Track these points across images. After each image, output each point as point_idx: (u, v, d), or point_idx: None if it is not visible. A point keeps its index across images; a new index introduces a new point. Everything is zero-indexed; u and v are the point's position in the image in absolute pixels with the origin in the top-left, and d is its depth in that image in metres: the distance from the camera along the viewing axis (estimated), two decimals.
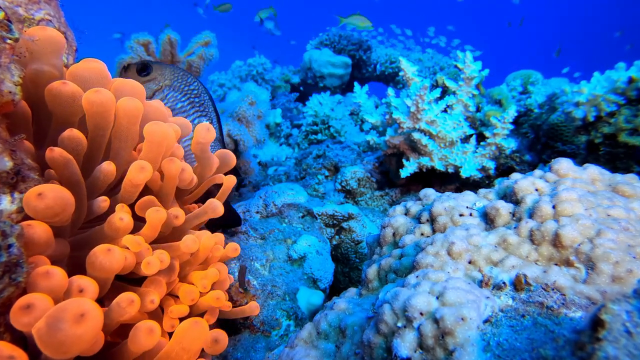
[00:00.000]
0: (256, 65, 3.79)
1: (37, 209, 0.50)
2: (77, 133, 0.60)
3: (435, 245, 0.64)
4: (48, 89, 0.59)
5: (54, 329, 0.42)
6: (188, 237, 0.66)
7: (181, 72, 1.02)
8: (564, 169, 0.71)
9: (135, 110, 0.64)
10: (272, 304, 1.07)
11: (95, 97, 0.60)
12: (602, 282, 0.52)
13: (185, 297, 0.68)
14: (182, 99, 1.00)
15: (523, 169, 1.63)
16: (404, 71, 1.52)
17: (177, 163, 0.68)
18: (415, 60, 4.10)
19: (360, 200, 1.70)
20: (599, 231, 0.55)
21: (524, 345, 0.46)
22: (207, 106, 1.04)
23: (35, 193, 0.50)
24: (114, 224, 0.59)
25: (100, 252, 0.54)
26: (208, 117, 1.04)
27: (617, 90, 1.38)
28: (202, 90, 1.04)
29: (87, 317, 0.43)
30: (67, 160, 0.57)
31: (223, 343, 0.63)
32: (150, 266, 0.60)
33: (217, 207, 0.73)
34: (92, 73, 0.66)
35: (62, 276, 0.49)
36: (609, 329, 0.34)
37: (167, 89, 0.98)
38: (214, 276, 0.73)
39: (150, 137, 0.65)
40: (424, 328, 0.49)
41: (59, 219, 0.53)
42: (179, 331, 0.57)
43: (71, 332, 0.42)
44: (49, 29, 0.62)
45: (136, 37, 1.56)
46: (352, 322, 0.67)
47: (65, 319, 0.42)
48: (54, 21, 0.76)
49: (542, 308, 0.51)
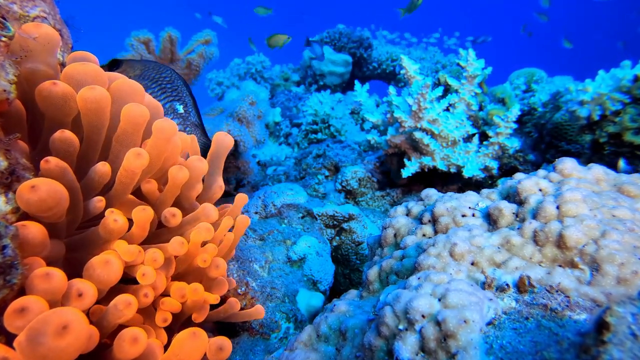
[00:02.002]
0: (255, 63, 3.79)
1: (30, 202, 0.49)
2: (69, 134, 0.59)
3: (437, 246, 0.64)
4: (38, 90, 0.59)
5: (35, 343, 0.40)
6: (175, 239, 0.66)
7: (153, 63, 1.05)
8: (568, 169, 0.71)
9: (141, 118, 0.64)
10: (271, 306, 1.07)
11: (89, 94, 0.60)
12: (607, 283, 0.52)
13: (176, 294, 0.68)
14: (152, 85, 1.02)
15: (526, 168, 1.63)
16: (406, 69, 1.52)
17: (184, 171, 0.69)
18: (417, 58, 4.10)
19: (361, 201, 1.70)
20: (603, 232, 0.55)
21: (528, 348, 0.46)
22: (180, 90, 1.05)
23: (28, 186, 0.50)
24: (108, 225, 0.59)
25: (98, 264, 0.54)
26: (182, 101, 1.05)
27: (622, 88, 1.38)
28: (175, 77, 1.05)
29: (69, 329, 0.41)
30: (63, 169, 0.57)
31: (227, 351, 0.63)
32: (146, 277, 0.61)
33: (210, 213, 0.72)
34: (87, 75, 0.65)
35: (61, 278, 0.49)
36: (614, 331, 0.34)
37: (136, 78, 1.00)
38: (213, 250, 0.73)
39: (160, 134, 0.65)
40: (426, 331, 0.49)
41: (53, 213, 0.52)
42: (176, 342, 0.57)
43: (53, 345, 0.40)
44: (44, 26, 0.62)
45: (136, 35, 1.57)
46: (353, 324, 0.67)
47: (47, 332, 0.41)
48: (49, 18, 0.76)
49: (546, 310, 0.50)
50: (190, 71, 1.70)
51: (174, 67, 1.68)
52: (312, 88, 3.75)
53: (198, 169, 0.74)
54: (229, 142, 0.80)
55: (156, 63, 1.04)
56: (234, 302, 0.80)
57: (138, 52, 1.56)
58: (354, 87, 1.77)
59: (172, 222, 0.68)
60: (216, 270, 0.74)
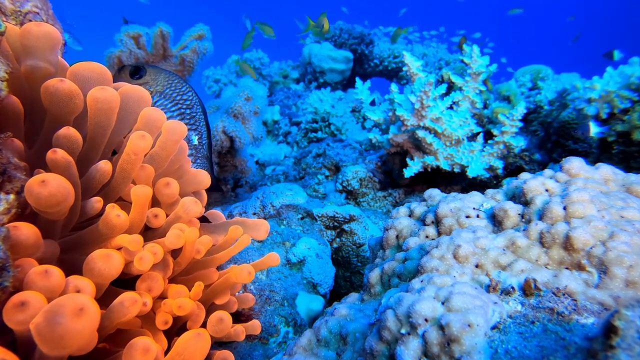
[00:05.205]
0: (253, 60, 3.79)
1: (40, 196, 0.50)
2: (73, 132, 0.60)
3: (440, 248, 0.64)
4: (44, 86, 0.60)
5: (53, 323, 0.42)
6: (172, 232, 0.66)
7: (176, 79, 1.01)
8: (575, 169, 0.71)
9: (159, 122, 0.68)
10: (270, 309, 1.07)
11: (101, 94, 0.61)
12: (615, 286, 0.52)
13: (175, 296, 0.69)
14: (172, 108, 0.99)
15: (532, 168, 1.63)
16: (408, 66, 1.52)
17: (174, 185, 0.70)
18: (419, 54, 4.10)
19: (362, 201, 1.70)
20: (612, 233, 0.55)
21: (534, 353, 0.46)
22: (198, 119, 1.02)
23: (38, 180, 0.51)
24: (111, 221, 0.59)
25: (99, 257, 0.54)
26: (197, 132, 1.02)
27: (631, 86, 1.38)
28: (195, 101, 1.02)
29: (85, 311, 0.44)
30: (68, 162, 0.58)
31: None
32: (143, 261, 0.61)
33: (190, 208, 0.71)
34: (93, 73, 0.67)
35: (60, 276, 0.50)
36: (622, 336, 0.34)
37: (157, 95, 0.97)
38: (208, 242, 0.73)
39: (171, 135, 0.67)
40: (429, 335, 0.49)
41: (60, 209, 0.53)
42: (179, 343, 0.57)
43: (71, 326, 0.42)
44: (46, 25, 0.63)
45: (126, 30, 1.56)
46: (354, 328, 0.67)
47: (65, 313, 0.43)
48: (42, 13, 0.76)
49: (552, 314, 0.51)
50: (183, 67, 1.69)
51: (167, 64, 1.68)
52: (312, 85, 3.76)
53: (191, 212, 0.73)
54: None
55: (177, 77, 1.01)
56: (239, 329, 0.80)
57: (128, 48, 1.55)
58: (355, 84, 1.77)
59: (155, 223, 0.69)
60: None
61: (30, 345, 0.49)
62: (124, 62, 1.58)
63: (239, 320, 1.03)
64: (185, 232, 0.67)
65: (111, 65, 1.57)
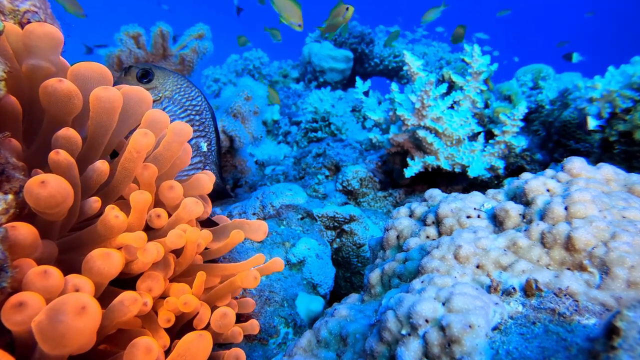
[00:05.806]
0: (253, 59, 3.80)
1: (39, 197, 0.50)
2: (73, 132, 0.60)
3: (441, 248, 0.64)
4: (43, 86, 0.60)
5: (55, 321, 0.42)
6: (172, 232, 0.66)
7: (185, 83, 0.99)
8: (576, 169, 0.71)
9: (163, 124, 0.68)
10: (269, 310, 1.07)
11: (104, 93, 0.61)
12: (617, 287, 0.52)
13: (177, 294, 0.69)
14: (181, 114, 0.96)
15: (534, 168, 1.63)
16: (409, 65, 1.52)
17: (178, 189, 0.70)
18: (420, 54, 4.10)
19: (363, 202, 1.70)
20: (613, 234, 0.55)
21: (535, 354, 0.46)
22: (207, 126, 1.00)
23: (38, 181, 0.51)
24: (109, 222, 0.59)
25: (99, 256, 0.55)
26: (207, 139, 1.00)
27: (633, 85, 1.38)
28: (204, 107, 0.99)
29: (87, 310, 0.44)
30: (70, 164, 0.58)
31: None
32: (147, 254, 0.61)
33: (191, 209, 0.71)
34: (94, 73, 0.67)
35: (59, 277, 0.50)
36: (624, 336, 0.34)
37: (166, 101, 0.95)
38: (208, 236, 0.73)
39: (176, 136, 0.67)
40: (430, 336, 0.49)
41: (59, 210, 0.53)
42: (182, 344, 0.57)
43: (72, 324, 0.43)
44: (48, 25, 0.63)
45: (126, 29, 1.56)
46: (354, 329, 0.67)
47: (67, 311, 0.43)
48: (40, 12, 0.76)
49: (553, 315, 0.51)
50: (183, 67, 1.69)
51: (167, 64, 1.67)
52: (312, 85, 3.76)
53: (193, 212, 0.73)
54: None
55: (186, 81, 0.98)
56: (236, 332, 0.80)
57: (127, 48, 1.55)
58: (355, 83, 1.77)
59: (157, 223, 0.69)
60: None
61: (29, 346, 0.49)
62: (124, 62, 1.58)
63: (239, 321, 1.03)
64: (187, 232, 0.67)
65: (111, 65, 1.57)
